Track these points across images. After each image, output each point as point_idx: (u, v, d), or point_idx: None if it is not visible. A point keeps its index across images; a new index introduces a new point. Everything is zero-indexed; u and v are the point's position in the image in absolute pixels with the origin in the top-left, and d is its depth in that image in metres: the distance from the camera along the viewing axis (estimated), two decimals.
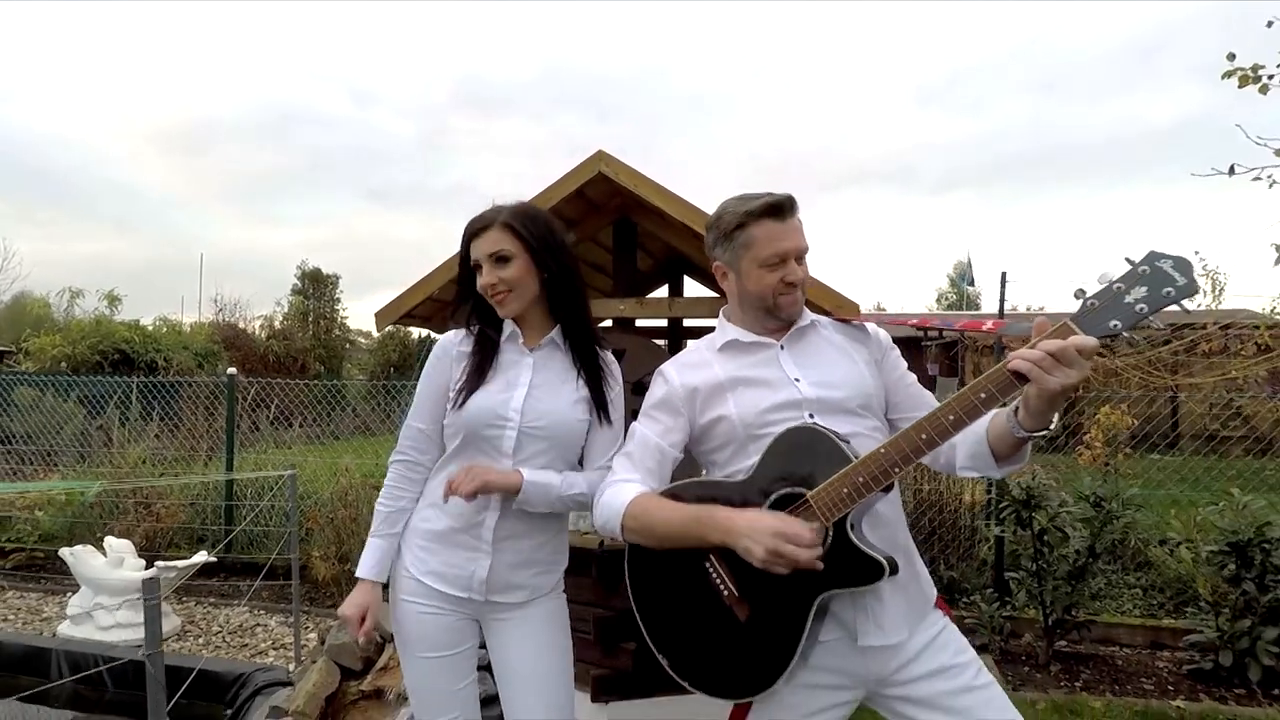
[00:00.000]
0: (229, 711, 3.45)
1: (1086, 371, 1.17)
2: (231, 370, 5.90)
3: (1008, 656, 3.82)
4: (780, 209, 1.46)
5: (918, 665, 1.41)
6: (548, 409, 1.61)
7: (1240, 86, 3.35)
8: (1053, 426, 1.29)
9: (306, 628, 4.39)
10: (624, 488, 1.45)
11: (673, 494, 1.46)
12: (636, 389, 2.27)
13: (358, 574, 1.64)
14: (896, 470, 1.27)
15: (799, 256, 1.48)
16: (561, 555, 1.73)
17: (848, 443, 1.33)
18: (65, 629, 4.29)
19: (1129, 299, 1.16)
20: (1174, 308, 1.17)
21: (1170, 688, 3.46)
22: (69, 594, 4.90)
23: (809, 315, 1.58)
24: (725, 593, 1.39)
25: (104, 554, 4.44)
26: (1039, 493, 3.70)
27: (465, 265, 1.66)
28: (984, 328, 1.58)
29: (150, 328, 16.93)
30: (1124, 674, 3.64)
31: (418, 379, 1.71)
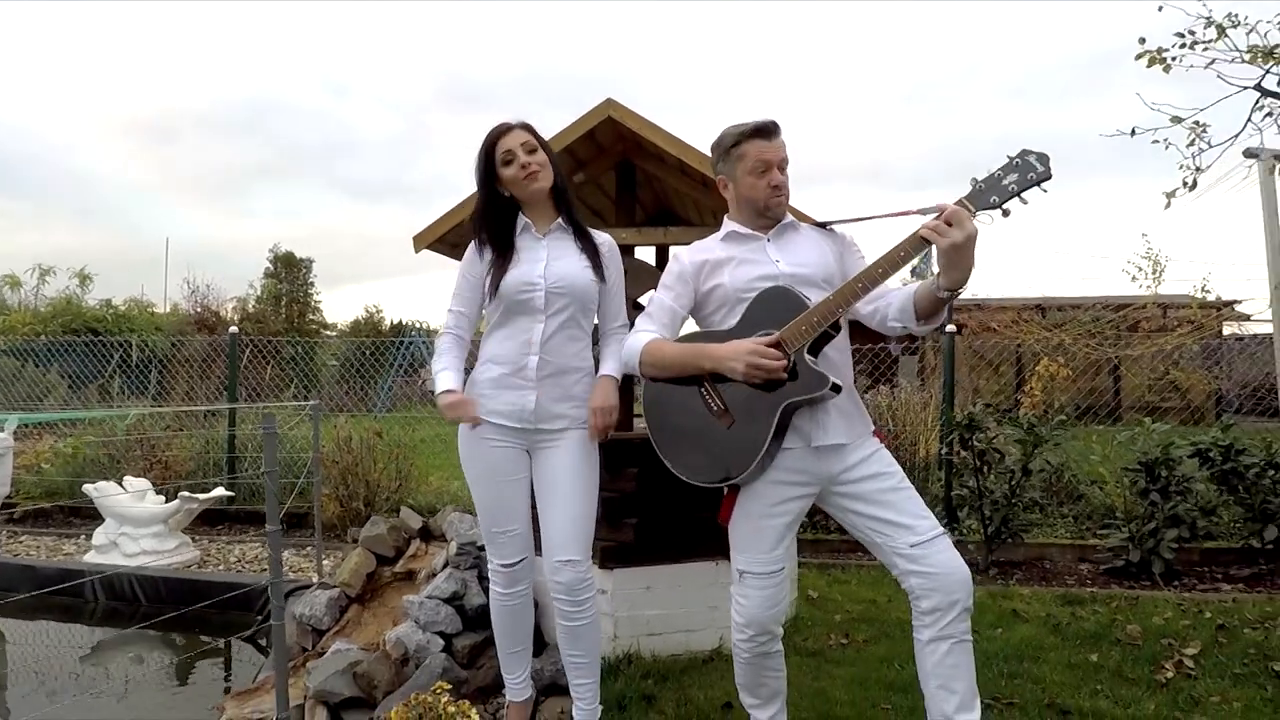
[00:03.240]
0: (259, 617, 3.82)
1: (970, 231, 1.62)
2: (234, 329, 6.18)
3: None
4: (766, 130, 1.92)
5: (858, 470, 1.88)
6: (565, 272, 2.08)
7: (1148, 66, 3.87)
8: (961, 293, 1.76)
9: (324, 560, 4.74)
10: (643, 335, 1.93)
11: (679, 340, 1.92)
12: (637, 307, 2.71)
13: (441, 389, 2.05)
14: (841, 310, 1.74)
15: (781, 166, 1.93)
16: (589, 391, 2.18)
17: (807, 296, 1.80)
18: (91, 557, 4.59)
19: (1005, 181, 1.64)
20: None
21: (1089, 582, 4.02)
22: (82, 536, 5.19)
23: (791, 218, 2.03)
24: (715, 408, 1.85)
25: (125, 491, 4.74)
26: (979, 419, 4.23)
27: (490, 164, 2.08)
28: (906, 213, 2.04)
29: (122, 308, 16.86)
30: (1051, 575, 4.19)
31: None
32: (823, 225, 2.07)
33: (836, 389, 1.77)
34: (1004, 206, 1.66)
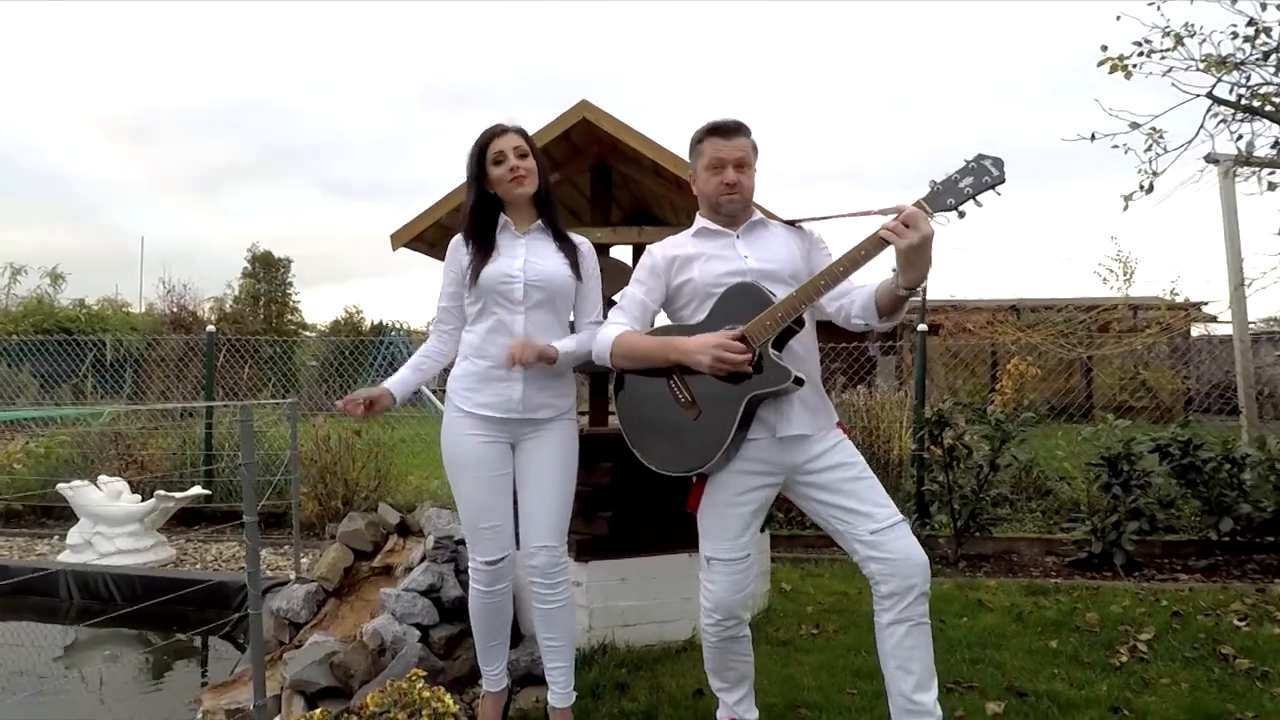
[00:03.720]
0: (236, 614, 3.82)
1: (926, 233, 1.69)
2: (211, 327, 6.15)
3: None
4: (723, 129, 1.99)
5: (821, 460, 1.95)
6: (542, 268, 2.15)
7: (1110, 72, 4.00)
8: (919, 292, 1.84)
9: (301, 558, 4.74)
10: (614, 327, 2.00)
11: (649, 334, 1.98)
12: (611, 305, 2.76)
13: (383, 385, 2.13)
14: (804, 306, 1.81)
15: (738, 165, 1.99)
16: (572, 383, 2.26)
17: (773, 293, 1.86)
18: (65, 557, 4.56)
19: (961, 184, 1.72)
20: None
21: (1054, 574, 4.13)
22: (56, 536, 5.15)
23: (761, 215, 2.10)
24: (682, 400, 1.91)
25: (99, 490, 4.72)
26: (948, 415, 4.33)
27: (480, 164, 2.14)
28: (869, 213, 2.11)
29: (95, 308, 16.62)
30: (1018, 566, 4.30)
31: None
32: (792, 223, 2.14)
33: (799, 382, 1.83)
34: (960, 209, 1.74)
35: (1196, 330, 12.76)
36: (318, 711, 1.89)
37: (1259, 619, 3.12)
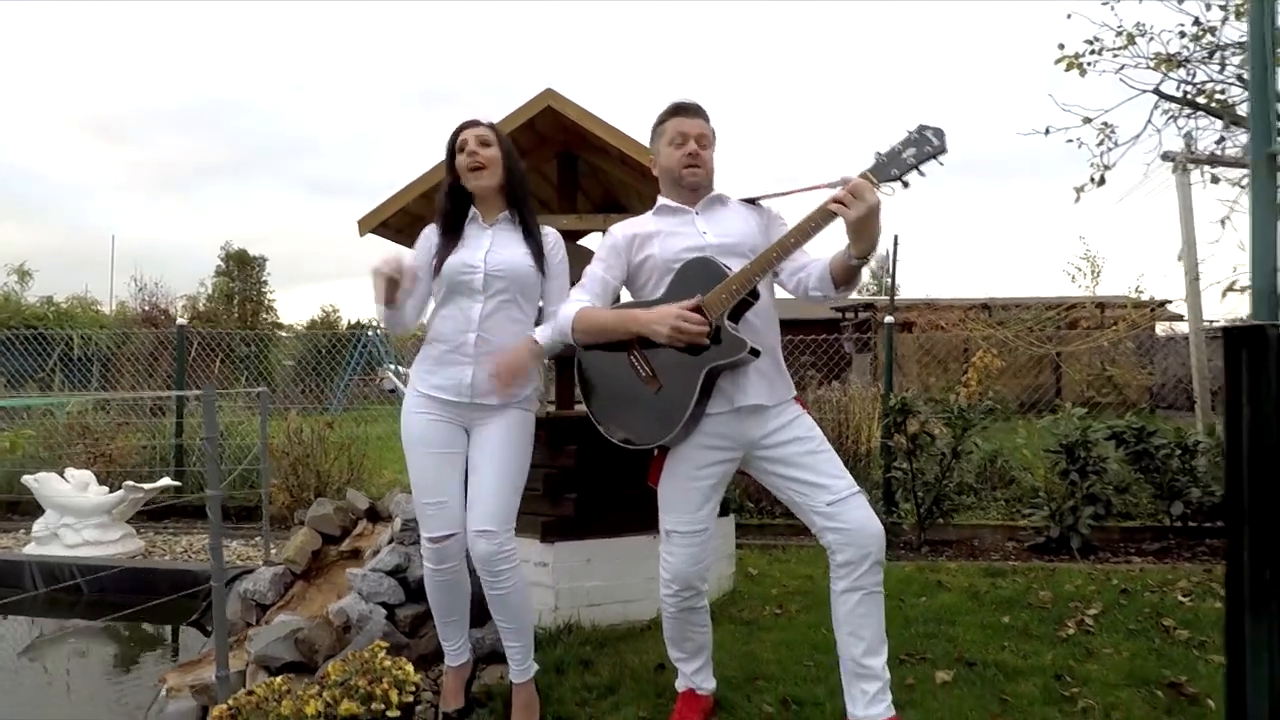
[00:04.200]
0: (205, 604, 3.82)
1: (872, 202, 1.77)
2: (182, 320, 6.11)
3: (890, 544, 4.53)
4: (685, 108, 2.08)
5: (779, 435, 2.01)
6: (504, 259, 2.19)
7: (1066, 70, 4.13)
8: (871, 260, 1.91)
9: (271, 548, 4.73)
10: (575, 303, 2.05)
11: (609, 309, 2.04)
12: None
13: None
14: (758, 277, 1.87)
15: (700, 140, 2.06)
16: (530, 373, 2.28)
17: (729, 266, 1.93)
18: (31, 549, 4.52)
19: (904, 155, 1.79)
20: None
21: (1012, 557, 4.25)
22: (21, 530, 5.09)
23: (719, 193, 2.16)
24: (643, 374, 1.96)
25: (66, 482, 4.67)
26: (912, 404, 4.43)
27: (452, 154, 2.20)
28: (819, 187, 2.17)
29: (64, 305, 16.34)
30: (979, 551, 4.41)
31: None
32: (749, 201, 2.20)
33: (755, 353, 1.89)
34: (904, 179, 1.81)
35: (1161, 329, 13.08)
36: (279, 679, 1.92)
37: (1202, 595, 3.24)
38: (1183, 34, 3.67)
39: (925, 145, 1.78)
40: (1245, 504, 1.83)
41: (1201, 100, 3.48)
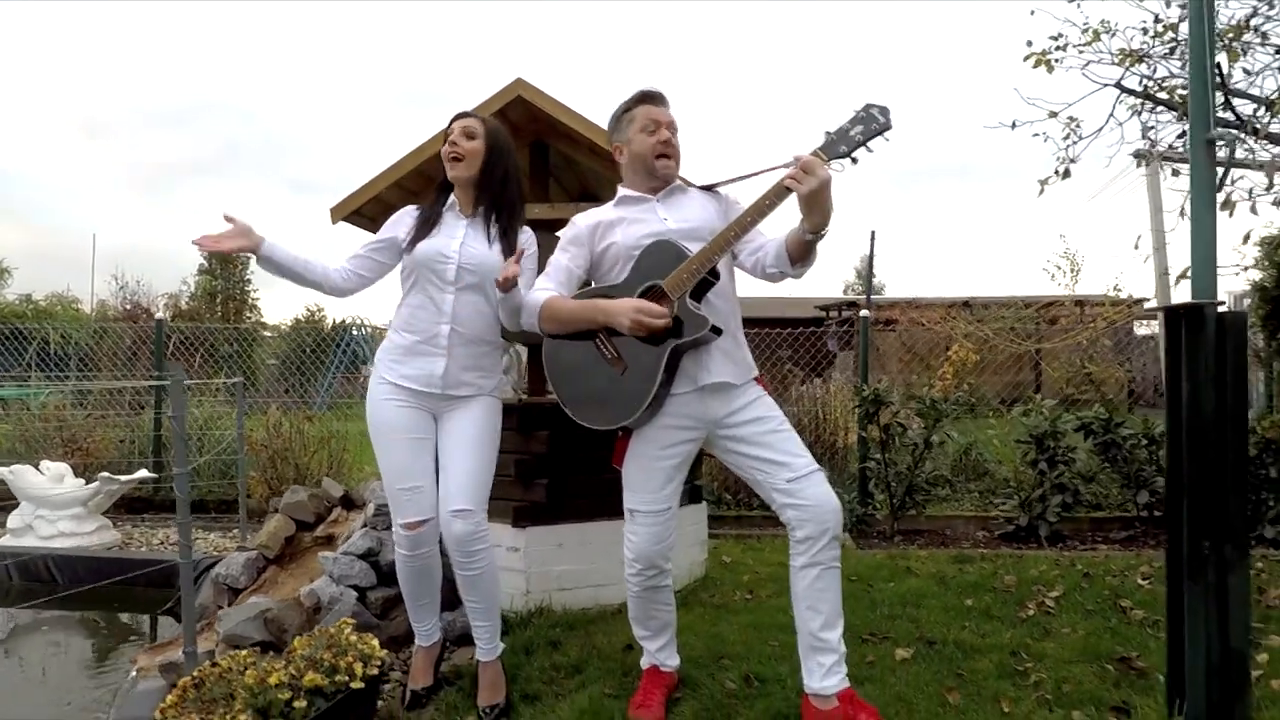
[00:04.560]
0: (179, 593, 3.82)
1: (823, 178, 1.81)
2: (160, 315, 6.09)
3: (864, 533, 4.61)
4: (653, 96, 2.12)
5: (741, 415, 2.06)
6: (476, 253, 2.22)
7: (1034, 67, 4.20)
8: (825, 235, 1.95)
9: (248, 540, 4.73)
10: (541, 293, 2.08)
11: (575, 298, 2.07)
12: None
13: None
14: (718, 256, 1.92)
15: (670, 128, 2.11)
16: (497, 365, 2.33)
17: (689, 248, 1.97)
18: (5, 541, 4.50)
19: (852, 133, 1.85)
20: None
21: (982, 545, 4.32)
22: None
23: (679, 182, 2.20)
24: (609, 357, 2.00)
25: (41, 474, 4.66)
26: (885, 395, 4.50)
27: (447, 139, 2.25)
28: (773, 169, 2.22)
29: (43, 303, 16.17)
30: (950, 540, 4.48)
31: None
32: (707, 188, 2.25)
33: (717, 331, 1.94)
34: (853, 155, 1.87)
35: (1140, 328, 13.28)
36: (244, 651, 1.94)
37: (1161, 579, 3.30)
38: (1145, 30, 3.75)
39: (872, 123, 1.84)
40: (1184, 476, 1.90)
41: (1163, 95, 3.56)
